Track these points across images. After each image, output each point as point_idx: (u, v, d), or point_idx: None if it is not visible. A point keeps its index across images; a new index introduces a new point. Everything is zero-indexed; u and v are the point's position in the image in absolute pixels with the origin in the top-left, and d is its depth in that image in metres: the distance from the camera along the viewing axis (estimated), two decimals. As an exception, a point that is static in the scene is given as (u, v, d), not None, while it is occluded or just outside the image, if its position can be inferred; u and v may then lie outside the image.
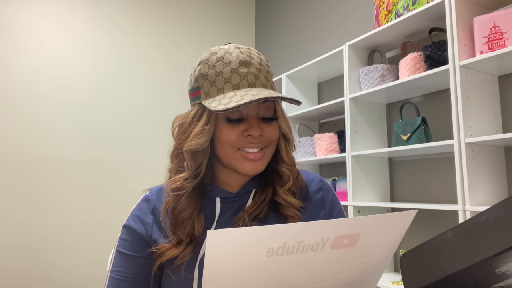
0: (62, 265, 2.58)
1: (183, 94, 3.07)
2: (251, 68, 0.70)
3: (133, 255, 0.72)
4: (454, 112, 1.52)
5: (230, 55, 0.70)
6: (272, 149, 0.74)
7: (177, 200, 0.71)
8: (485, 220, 0.36)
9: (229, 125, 0.70)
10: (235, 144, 0.70)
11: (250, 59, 0.70)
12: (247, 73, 0.69)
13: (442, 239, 0.40)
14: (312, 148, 2.40)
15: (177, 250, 0.68)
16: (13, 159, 2.53)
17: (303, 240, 0.40)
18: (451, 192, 1.79)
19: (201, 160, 0.71)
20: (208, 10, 3.38)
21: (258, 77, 0.70)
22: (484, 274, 0.38)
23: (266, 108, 0.72)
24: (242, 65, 0.69)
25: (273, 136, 0.73)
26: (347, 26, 2.54)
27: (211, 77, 0.69)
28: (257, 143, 0.70)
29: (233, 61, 0.69)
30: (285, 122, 0.76)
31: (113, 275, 0.72)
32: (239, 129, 0.70)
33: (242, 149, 0.70)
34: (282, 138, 0.76)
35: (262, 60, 0.73)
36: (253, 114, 0.71)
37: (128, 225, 0.75)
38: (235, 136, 0.70)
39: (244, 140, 0.70)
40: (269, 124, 0.72)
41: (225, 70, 0.69)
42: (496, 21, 1.44)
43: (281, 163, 0.76)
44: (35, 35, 2.68)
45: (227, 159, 0.71)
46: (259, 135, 0.70)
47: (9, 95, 2.56)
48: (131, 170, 2.88)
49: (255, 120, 0.71)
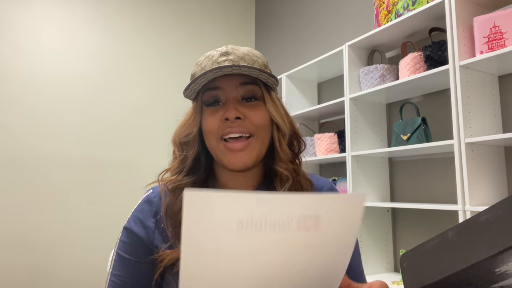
0: (64, 262, 2.58)
1: (182, 93, 3.07)
2: (230, 56, 0.67)
3: (133, 260, 0.70)
4: (454, 112, 1.52)
5: (216, 51, 0.69)
6: (261, 139, 0.68)
7: (174, 200, 0.69)
8: (485, 220, 0.36)
9: (209, 112, 0.68)
10: (217, 132, 0.67)
11: (234, 50, 0.68)
12: (225, 60, 0.67)
13: (442, 239, 0.40)
14: (312, 148, 2.40)
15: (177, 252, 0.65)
16: (14, 157, 2.53)
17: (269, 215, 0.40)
18: (451, 192, 1.79)
19: (188, 153, 0.70)
20: (208, 10, 3.38)
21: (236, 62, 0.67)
22: (484, 274, 0.38)
23: (249, 91, 0.68)
24: (222, 56, 0.68)
25: (258, 121, 0.67)
26: (347, 26, 2.54)
27: (196, 73, 0.70)
28: (235, 127, 0.66)
29: (215, 54, 0.69)
30: (275, 108, 0.70)
31: (113, 279, 0.70)
32: (219, 115, 0.67)
33: (225, 140, 0.67)
34: (275, 129, 0.70)
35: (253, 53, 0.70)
36: (232, 97, 0.68)
37: (128, 227, 0.72)
38: (216, 123, 0.67)
39: (224, 126, 0.67)
40: (252, 108, 0.68)
41: (207, 63, 0.68)
42: (496, 21, 1.44)
43: (277, 161, 0.71)
44: (34, 34, 2.68)
45: (215, 153, 0.70)
46: (235, 117, 0.66)
47: (9, 95, 2.56)
48: (132, 168, 2.88)
49: (232, 102, 0.67)
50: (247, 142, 0.67)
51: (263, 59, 0.72)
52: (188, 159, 0.70)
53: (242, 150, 0.66)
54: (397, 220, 2.10)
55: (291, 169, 0.71)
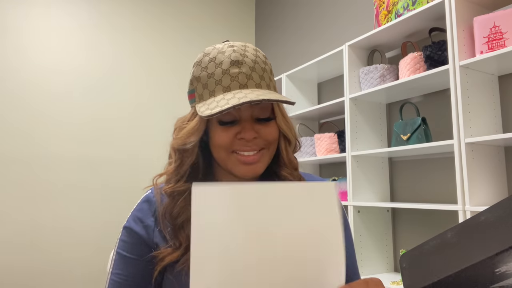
0: (64, 262, 2.58)
1: (182, 92, 3.07)
2: (243, 68, 0.66)
3: (134, 258, 0.71)
4: (454, 112, 1.52)
5: (222, 55, 0.67)
6: (271, 150, 0.71)
7: (173, 205, 0.70)
8: (484, 220, 0.36)
9: (222, 128, 0.67)
10: (229, 147, 0.68)
11: (243, 57, 0.67)
12: (238, 73, 0.66)
13: (442, 239, 0.40)
14: (312, 148, 2.40)
15: (177, 253, 0.66)
16: (13, 156, 2.53)
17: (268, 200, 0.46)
18: (451, 192, 1.79)
19: (186, 160, 0.70)
20: (208, 10, 3.38)
21: (250, 76, 0.66)
22: (484, 274, 0.38)
23: (262, 109, 0.69)
24: (234, 65, 0.66)
25: (270, 137, 0.70)
26: (347, 26, 2.54)
27: (203, 79, 0.67)
28: (251, 146, 0.68)
29: (225, 62, 0.66)
30: (284, 122, 0.72)
31: (113, 277, 0.71)
32: (232, 131, 0.67)
33: (237, 152, 0.68)
34: (283, 139, 0.73)
35: (259, 56, 0.70)
36: (247, 115, 0.68)
37: (128, 226, 0.73)
38: (228, 140, 0.67)
39: (238, 143, 0.68)
40: (265, 125, 0.69)
41: (216, 71, 0.66)
42: (496, 21, 1.44)
43: (282, 166, 0.74)
44: (35, 33, 2.68)
45: (223, 162, 0.70)
46: (253, 138, 0.67)
47: (9, 93, 2.56)
48: (132, 167, 2.88)
49: (249, 123, 0.67)
50: (260, 155, 0.69)
51: (269, 65, 0.72)
52: (185, 166, 0.70)
53: (255, 163, 0.69)
54: (397, 220, 2.10)
55: (296, 176, 0.75)
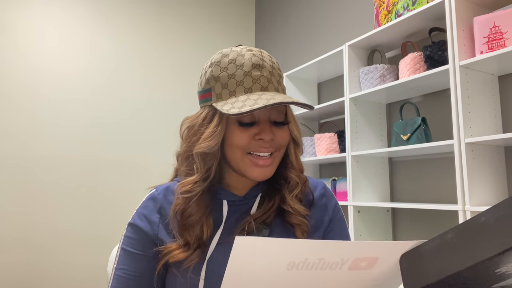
0: (64, 262, 2.58)
1: (183, 93, 3.08)
2: (264, 72, 0.69)
3: (139, 253, 0.72)
4: (454, 112, 1.52)
5: (242, 58, 0.69)
6: (281, 154, 0.74)
7: (187, 203, 0.70)
8: (485, 221, 0.36)
9: (240, 129, 0.69)
10: (246, 147, 0.69)
11: (263, 62, 0.70)
12: (260, 76, 0.68)
13: (442, 239, 0.40)
14: (312, 148, 2.40)
15: (185, 254, 0.68)
16: (14, 157, 2.53)
17: (324, 258, 0.42)
18: (451, 192, 1.79)
19: (211, 163, 0.71)
20: (208, 10, 3.38)
21: (270, 80, 0.69)
22: (484, 275, 0.38)
23: (278, 112, 0.71)
24: (255, 68, 0.68)
25: (283, 141, 0.72)
26: (347, 26, 2.54)
27: (223, 79, 0.69)
28: (268, 147, 0.70)
29: (246, 64, 0.68)
30: (296, 127, 0.76)
31: (118, 273, 0.72)
32: (251, 132, 0.69)
33: (252, 154, 0.70)
34: (292, 143, 0.76)
35: (274, 63, 0.73)
36: (265, 118, 0.70)
37: (133, 223, 0.74)
38: (246, 140, 0.69)
39: (255, 144, 0.70)
40: (280, 129, 0.72)
41: (237, 72, 0.68)
42: (496, 21, 1.44)
43: (290, 168, 0.76)
44: (35, 34, 2.68)
45: (236, 163, 0.71)
46: (270, 139, 0.69)
47: (9, 95, 2.56)
48: (133, 169, 2.88)
49: (267, 124, 0.70)
50: (272, 158, 0.71)
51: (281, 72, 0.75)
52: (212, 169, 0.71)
53: (268, 166, 0.71)
54: (397, 220, 2.10)
55: (302, 178, 0.77)
